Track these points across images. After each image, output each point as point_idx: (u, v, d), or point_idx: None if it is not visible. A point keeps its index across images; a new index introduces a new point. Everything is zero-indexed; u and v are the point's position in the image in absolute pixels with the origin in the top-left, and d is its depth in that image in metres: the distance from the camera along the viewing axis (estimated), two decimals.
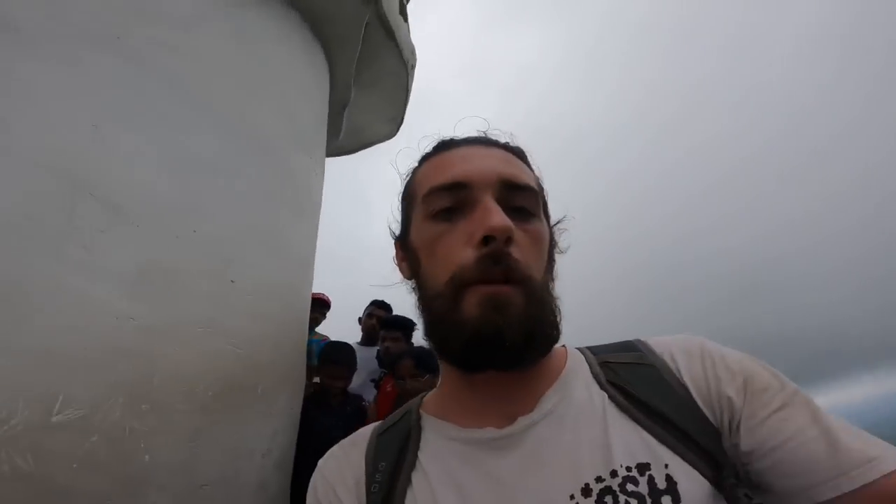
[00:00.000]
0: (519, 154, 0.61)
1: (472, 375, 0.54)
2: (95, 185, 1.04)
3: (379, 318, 3.18)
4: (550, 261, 0.58)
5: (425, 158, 0.63)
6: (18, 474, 0.95)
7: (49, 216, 0.96)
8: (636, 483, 0.48)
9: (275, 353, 1.50)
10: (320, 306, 3.38)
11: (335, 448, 0.65)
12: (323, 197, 2.08)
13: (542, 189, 0.61)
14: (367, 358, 3.06)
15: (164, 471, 1.18)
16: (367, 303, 3.35)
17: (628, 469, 0.48)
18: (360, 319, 3.30)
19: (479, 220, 0.51)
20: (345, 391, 2.57)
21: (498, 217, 0.50)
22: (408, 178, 0.64)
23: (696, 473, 0.48)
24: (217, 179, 1.32)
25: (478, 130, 0.64)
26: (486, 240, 0.49)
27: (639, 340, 0.61)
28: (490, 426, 0.54)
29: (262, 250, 1.48)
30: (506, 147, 0.61)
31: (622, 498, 0.47)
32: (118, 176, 1.07)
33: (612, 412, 0.53)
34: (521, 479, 0.50)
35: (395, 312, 3.26)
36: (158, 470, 1.17)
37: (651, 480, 0.48)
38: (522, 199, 0.55)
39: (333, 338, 3.37)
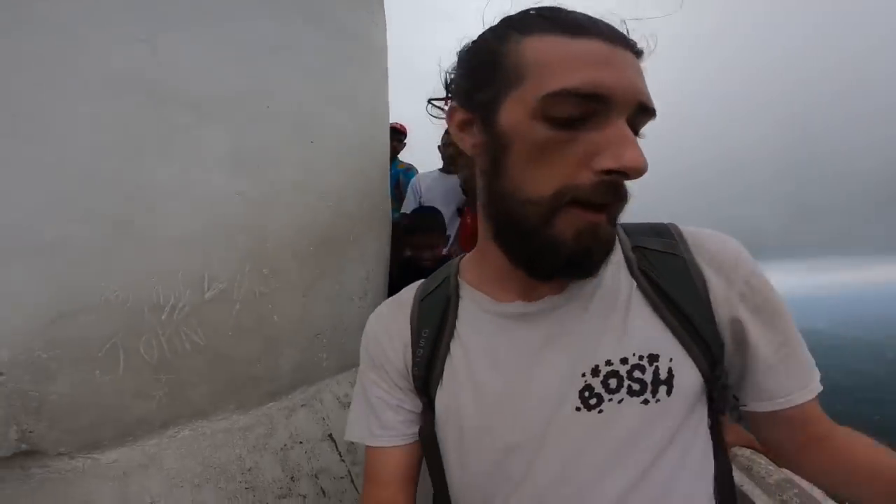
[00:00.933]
0: (642, 57, 0.52)
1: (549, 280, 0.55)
2: (172, 91, 1.07)
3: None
4: None
5: (543, 30, 0.49)
6: (197, 349, 1.11)
7: (145, 125, 1.03)
8: (643, 371, 0.53)
9: (361, 201, 1.57)
10: (396, 135, 3.23)
11: (383, 307, 0.70)
12: (388, 30, 1.97)
13: None
14: (450, 187, 2.71)
15: (290, 327, 1.32)
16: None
17: (640, 358, 0.53)
18: (439, 147, 2.87)
19: (615, 151, 0.46)
20: (438, 259, 2.19)
21: (636, 155, 0.46)
22: (505, 44, 0.51)
23: (694, 369, 0.54)
24: (280, 57, 1.25)
25: (611, 14, 0.52)
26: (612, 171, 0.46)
27: (672, 225, 0.61)
28: (519, 299, 0.58)
29: (334, 109, 1.43)
30: (638, 51, 0.51)
31: (626, 382, 0.53)
32: (188, 78, 1.06)
33: (637, 300, 0.56)
34: (542, 352, 0.56)
35: None
36: (286, 326, 1.30)
37: (656, 371, 0.53)
38: (647, 120, 0.51)
39: (418, 165, 3.30)
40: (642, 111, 0.49)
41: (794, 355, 0.56)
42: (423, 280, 0.70)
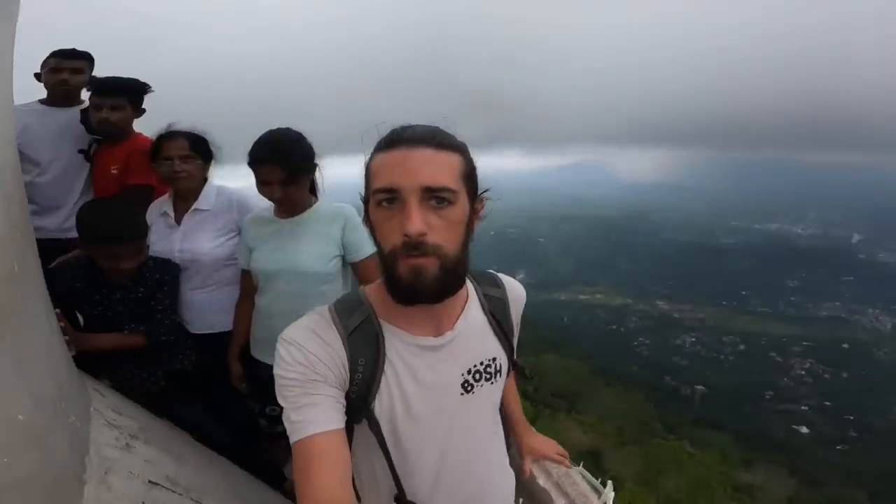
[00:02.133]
0: (451, 147, 0.82)
1: (410, 306, 0.83)
2: None
3: (75, 72, 2.30)
4: (469, 231, 0.84)
5: (377, 149, 0.84)
6: None
7: None
8: (490, 367, 0.97)
9: (10, 207, 1.07)
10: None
11: (310, 333, 0.85)
12: None
13: (467, 176, 0.83)
14: (64, 123, 2.29)
15: (41, 414, 1.07)
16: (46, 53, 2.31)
17: (489, 360, 0.97)
18: (38, 75, 2.34)
19: (403, 222, 0.76)
20: (137, 273, 1.79)
21: (412, 224, 0.74)
22: (368, 161, 0.85)
23: (506, 360, 1.01)
24: None
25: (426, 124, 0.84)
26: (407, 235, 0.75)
27: (498, 277, 1.07)
28: (429, 335, 0.90)
29: None
30: (438, 144, 0.80)
31: (484, 374, 0.95)
32: None
33: (487, 330, 0.98)
34: (445, 366, 0.91)
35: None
36: (33, 420, 0.99)
37: (496, 367, 0.98)
38: (440, 194, 0.77)
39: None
40: (430, 190, 0.76)
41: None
42: (329, 309, 0.90)
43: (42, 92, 2.35)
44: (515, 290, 1.06)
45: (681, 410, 33.14)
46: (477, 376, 0.94)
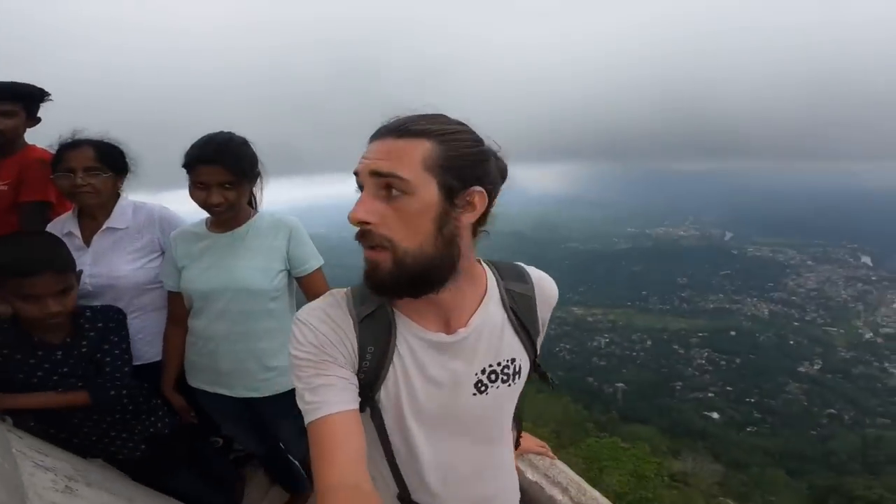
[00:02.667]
0: (418, 135, 0.74)
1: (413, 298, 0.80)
2: None
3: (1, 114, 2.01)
4: (437, 229, 0.74)
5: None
6: None
7: None
8: (509, 368, 0.90)
9: None
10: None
11: (323, 314, 0.82)
12: None
13: (440, 165, 0.73)
14: None
15: None
16: None
17: (507, 360, 0.90)
18: None
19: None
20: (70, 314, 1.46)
21: (355, 210, 0.73)
22: None
23: (528, 362, 0.94)
24: None
25: (403, 114, 0.78)
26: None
27: (526, 271, 0.97)
28: (440, 331, 0.85)
29: None
30: (403, 132, 0.74)
31: (501, 375, 0.89)
32: None
33: (507, 328, 0.90)
34: (457, 365, 0.86)
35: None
36: None
37: (515, 368, 0.91)
38: (388, 181, 0.72)
39: None
40: (377, 175, 0.72)
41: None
42: (346, 293, 0.86)
43: None
44: (545, 288, 0.97)
45: (607, 409, 34.68)
46: (493, 377, 0.89)
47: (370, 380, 0.82)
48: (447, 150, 0.73)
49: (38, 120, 2.06)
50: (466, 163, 0.75)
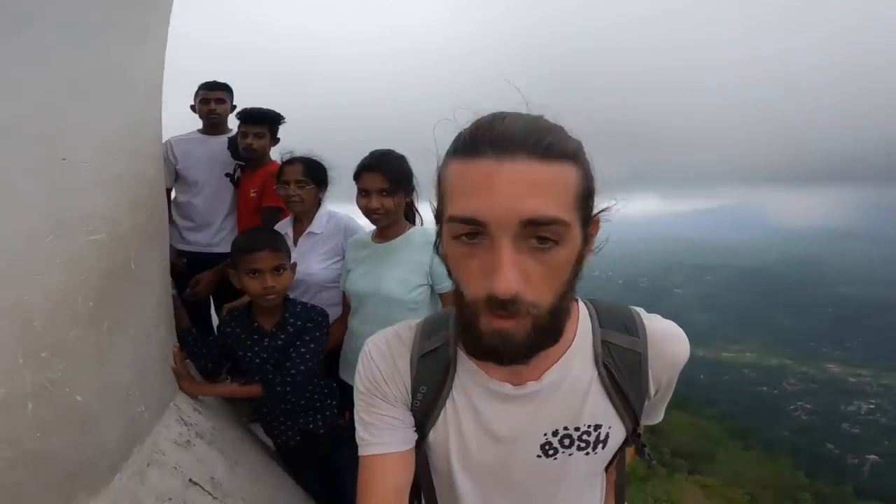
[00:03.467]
0: (563, 155, 0.56)
1: None
2: None
3: (218, 102, 2.68)
4: (574, 274, 0.62)
5: (454, 152, 0.61)
6: (10, 462, 0.97)
7: None
8: (589, 435, 0.75)
9: (136, 214, 1.33)
10: None
11: (385, 346, 0.79)
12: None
13: (584, 196, 0.59)
14: (216, 149, 2.63)
15: (97, 399, 1.17)
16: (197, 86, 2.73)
17: (588, 426, 0.75)
18: (192, 107, 2.72)
19: (488, 277, 0.55)
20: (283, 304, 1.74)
21: (504, 281, 0.54)
22: (441, 166, 0.64)
23: (622, 430, 0.77)
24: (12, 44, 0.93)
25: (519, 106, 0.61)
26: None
27: (638, 317, 0.77)
28: (506, 381, 0.73)
29: (102, 105, 1.17)
30: (543, 151, 0.55)
31: (576, 443, 0.75)
32: None
33: (596, 388, 0.74)
34: (520, 421, 0.75)
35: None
36: (93, 401, 1.15)
37: (598, 436, 0.76)
38: (545, 231, 0.55)
39: (172, 129, 2.66)
40: (534, 224, 0.53)
41: (662, 407, 0.87)
42: (418, 324, 0.81)
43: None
44: (664, 345, 0.76)
45: (839, 480, 29.67)
46: (566, 441, 0.75)
47: (420, 420, 0.79)
48: (585, 175, 0.59)
49: (279, 140, 2.62)
50: (593, 188, 0.61)
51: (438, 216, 0.65)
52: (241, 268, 1.65)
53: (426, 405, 0.77)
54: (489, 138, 0.56)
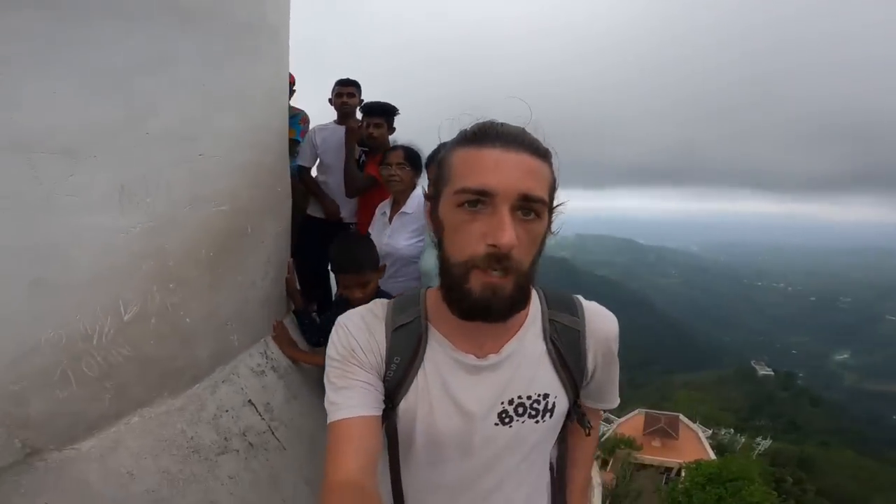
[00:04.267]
0: (545, 155, 0.75)
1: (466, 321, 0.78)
2: (38, 139, 1.09)
3: (349, 96, 3.10)
4: (541, 248, 0.77)
5: (462, 143, 0.76)
6: (127, 359, 1.36)
7: (20, 183, 1.08)
8: (539, 404, 0.86)
9: (256, 193, 1.71)
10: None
11: (359, 320, 0.87)
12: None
13: (553, 188, 0.77)
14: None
15: (202, 323, 1.54)
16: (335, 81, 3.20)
17: (538, 395, 0.86)
18: (330, 100, 3.17)
19: (493, 231, 0.69)
20: (371, 296, 1.87)
21: (508, 235, 0.68)
22: (445, 153, 0.79)
23: (565, 400, 0.89)
24: (153, 74, 1.30)
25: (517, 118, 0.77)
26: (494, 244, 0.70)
27: (578, 302, 0.92)
28: (472, 354, 0.84)
29: (220, 114, 1.51)
30: (535, 150, 0.73)
31: (528, 410, 0.85)
32: (51, 122, 1.12)
33: (544, 360, 0.87)
34: (481, 389, 0.84)
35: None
36: (198, 325, 1.52)
37: (546, 404, 0.86)
38: (534, 206, 0.72)
39: (311, 114, 3.34)
40: (526, 199, 0.70)
41: (612, 389, 0.99)
42: (390, 302, 0.90)
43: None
44: (598, 322, 0.90)
45: None
46: (520, 410, 0.85)
47: (392, 389, 0.84)
48: (553, 174, 0.77)
49: (395, 129, 2.98)
50: (556, 187, 0.78)
51: (436, 192, 0.79)
52: (338, 279, 1.97)
53: (399, 375, 0.84)
54: (496, 133, 0.73)
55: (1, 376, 1.15)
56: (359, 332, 0.85)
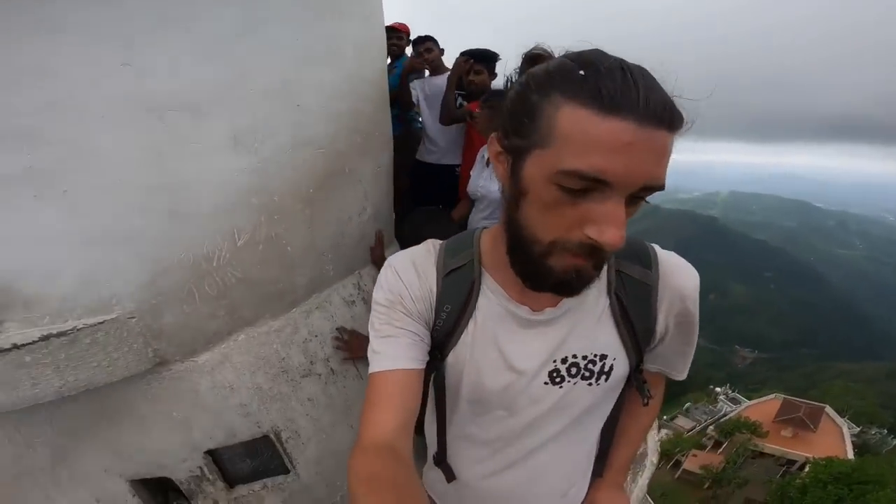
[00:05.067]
0: (680, 126, 0.56)
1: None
2: (167, 99, 1.32)
3: (427, 51, 3.25)
4: None
5: (580, 97, 0.53)
6: (239, 280, 1.61)
7: (157, 135, 1.33)
8: (594, 364, 0.77)
9: (353, 137, 1.88)
10: (396, 34, 3.41)
11: (409, 263, 0.79)
12: None
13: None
14: (440, 85, 3.08)
15: (301, 253, 1.76)
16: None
17: (595, 356, 0.76)
18: (412, 58, 3.33)
19: (602, 227, 0.56)
20: None
21: (616, 235, 0.55)
22: (543, 101, 0.56)
23: (626, 364, 0.78)
24: (252, 38, 1.47)
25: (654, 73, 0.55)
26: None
27: (653, 252, 0.77)
28: (527, 305, 0.75)
29: (316, 69, 1.68)
30: (673, 122, 0.54)
31: (582, 371, 0.77)
32: (177, 84, 1.35)
33: (606, 317, 0.76)
34: (533, 345, 0.76)
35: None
36: (298, 254, 1.75)
37: (602, 366, 0.77)
38: (648, 193, 0.57)
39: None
40: (648, 189, 0.56)
41: (683, 359, 0.85)
42: (443, 244, 0.82)
43: None
44: (675, 277, 0.75)
45: None
46: (573, 370, 0.77)
47: (441, 340, 0.78)
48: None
49: (496, 76, 2.95)
50: None
51: (520, 147, 0.60)
52: None
53: (450, 325, 0.77)
54: (633, 101, 0.51)
55: (144, 292, 1.43)
56: (408, 275, 0.78)
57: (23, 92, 1.16)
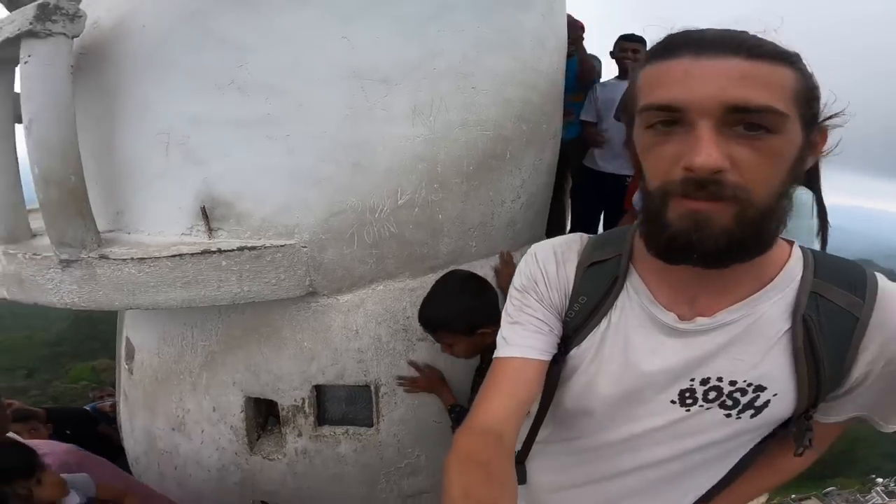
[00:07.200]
0: (776, 57, 0.53)
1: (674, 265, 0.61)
2: (368, 70, 1.58)
3: (634, 52, 3.03)
4: (792, 174, 0.57)
5: (650, 58, 0.59)
6: (392, 235, 1.77)
7: (356, 100, 1.60)
8: (743, 394, 0.64)
9: (519, 125, 1.95)
10: (571, 31, 3.21)
11: (550, 250, 0.77)
12: None
13: (803, 98, 0.55)
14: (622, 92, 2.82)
15: (449, 223, 1.86)
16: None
17: (748, 384, 0.64)
18: (612, 53, 3.17)
19: (688, 155, 0.53)
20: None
21: (704, 154, 0.52)
22: (633, 75, 0.62)
23: (792, 405, 0.64)
24: (439, 23, 1.64)
25: (730, 21, 0.57)
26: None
27: (873, 280, 0.62)
28: (674, 311, 0.66)
29: (493, 56, 1.78)
30: (750, 52, 0.53)
31: (723, 398, 0.65)
32: (376, 58, 1.60)
33: (782, 344, 0.62)
34: (671, 355, 0.66)
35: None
36: (446, 222, 1.85)
37: (754, 399, 0.64)
38: (756, 118, 0.52)
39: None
40: (739, 110, 0.52)
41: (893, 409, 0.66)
42: (590, 238, 0.78)
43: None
44: (894, 312, 0.61)
45: None
46: (711, 394, 0.66)
47: (569, 333, 0.74)
48: (805, 79, 0.56)
49: None
50: (815, 94, 0.58)
51: (628, 119, 0.64)
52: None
53: (581, 319, 0.72)
54: (685, 40, 0.56)
55: (318, 227, 1.65)
56: (548, 262, 0.76)
57: (272, 53, 1.53)
